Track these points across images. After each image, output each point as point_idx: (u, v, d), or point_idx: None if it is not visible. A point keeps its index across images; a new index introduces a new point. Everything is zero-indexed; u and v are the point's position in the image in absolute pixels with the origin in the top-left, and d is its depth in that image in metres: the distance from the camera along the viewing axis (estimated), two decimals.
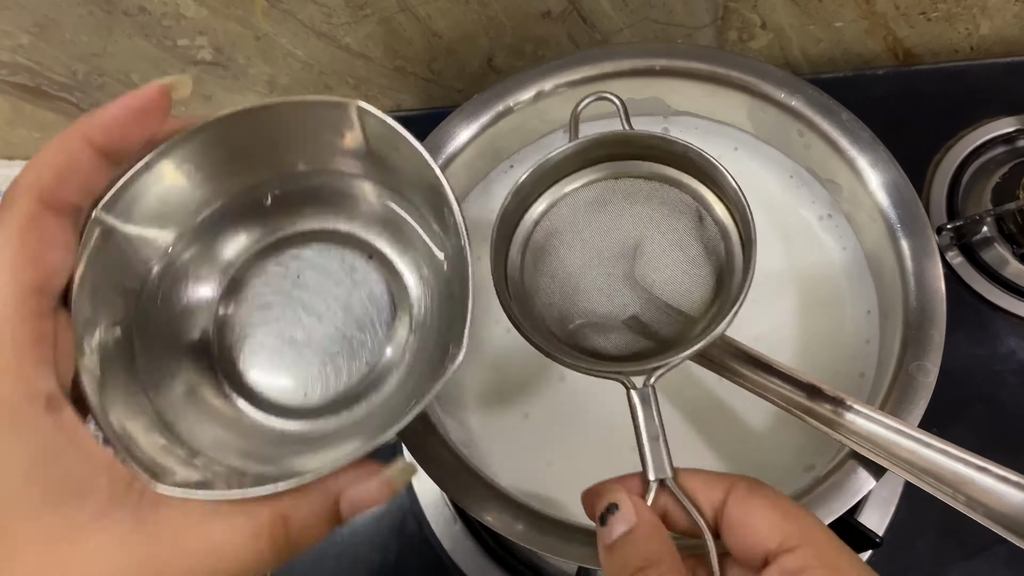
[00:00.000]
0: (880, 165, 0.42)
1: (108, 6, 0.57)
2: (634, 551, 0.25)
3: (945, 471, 0.33)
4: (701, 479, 0.28)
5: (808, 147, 0.45)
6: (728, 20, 0.60)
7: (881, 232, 0.42)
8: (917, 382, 0.37)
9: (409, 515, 0.49)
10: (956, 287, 0.53)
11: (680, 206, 0.34)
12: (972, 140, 0.57)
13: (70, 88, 0.64)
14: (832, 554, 0.25)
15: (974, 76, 0.61)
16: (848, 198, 0.44)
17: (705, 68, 0.46)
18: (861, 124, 0.43)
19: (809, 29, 0.61)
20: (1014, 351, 0.51)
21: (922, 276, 0.40)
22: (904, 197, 0.42)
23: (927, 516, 0.47)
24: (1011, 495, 0.32)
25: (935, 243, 0.41)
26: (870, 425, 0.35)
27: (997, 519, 0.32)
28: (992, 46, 0.63)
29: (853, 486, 0.36)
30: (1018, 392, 0.50)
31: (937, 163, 0.57)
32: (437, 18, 0.58)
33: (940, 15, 0.60)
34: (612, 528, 0.26)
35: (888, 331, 0.41)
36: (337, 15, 0.58)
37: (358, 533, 0.49)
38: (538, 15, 0.59)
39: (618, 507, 0.26)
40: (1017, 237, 0.53)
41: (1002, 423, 0.49)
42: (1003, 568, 0.45)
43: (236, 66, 0.62)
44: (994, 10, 0.59)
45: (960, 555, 0.46)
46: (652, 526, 0.26)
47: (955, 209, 0.55)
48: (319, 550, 0.49)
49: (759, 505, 0.26)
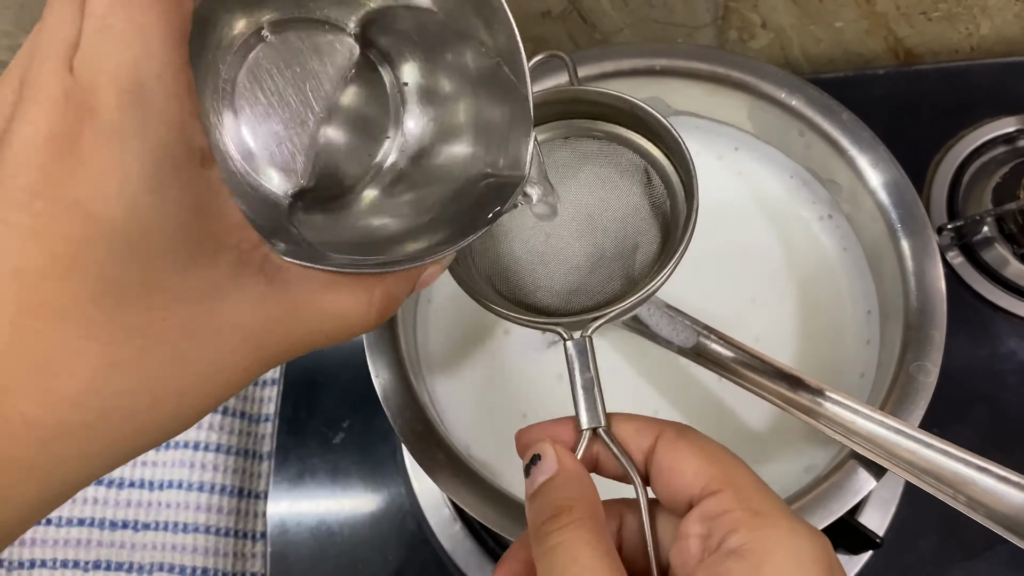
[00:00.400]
0: (881, 165, 0.42)
1: None
2: (549, 499, 0.25)
3: (946, 471, 0.33)
4: (633, 426, 0.28)
5: (809, 147, 0.45)
6: (728, 20, 0.60)
7: (881, 232, 0.42)
8: (918, 382, 0.37)
9: (409, 515, 0.49)
10: (956, 287, 0.53)
11: (629, 165, 0.34)
12: (973, 140, 0.57)
13: None
14: (754, 496, 0.24)
15: (975, 76, 0.61)
16: (848, 198, 0.44)
17: (705, 68, 0.46)
18: (862, 124, 0.43)
19: (810, 29, 0.61)
20: (1014, 351, 0.51)
21: (923, 276, 0.40)
22: (905, 197, 0.42)
23: (928, 517, 0.47)
24: (1012, 495, 0.32)
25: (935, 243, 0.41)
26: (870, 425, 0.35)
27: (998, 519, 0.32)
28: (993, 46, 0.63)
29: (853, 486, 0.36)
30: (1019, 392, 0.50)
31: (938, 163, 0.57)
32: None
33: (941, 15, 0.60)
34: (534, 478, 0.26)
35: (889, 331, 0.41)
36: None
37: (358, 533, 0.49)
38: (538, 15, 0.58)
39: (540, 457, 0.27)
40: (1018, 237, 0.53)
41: (1003, 423, 0.49)
42: (1004, 569, 0.45)
43: None
44: (995, 10, 0.59)
45: (961, 555, 0.46)
46: (572, 474, 0.26)
47: (956, 209, 0.55)
48: (319, 550, 0.49)
49: (685, 450, 0.26)
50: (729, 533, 0.23)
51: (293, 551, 0.49)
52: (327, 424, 0.52)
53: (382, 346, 0.40)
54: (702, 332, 0.39)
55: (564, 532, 0.24)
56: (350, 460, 0.51)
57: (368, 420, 0.52)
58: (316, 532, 0.49)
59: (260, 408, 0.58)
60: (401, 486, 0.50)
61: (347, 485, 0.50)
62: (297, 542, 0.49)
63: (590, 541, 0.24)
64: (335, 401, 0.53)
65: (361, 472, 0.51)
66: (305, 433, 0.52)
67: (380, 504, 0.50)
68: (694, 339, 0.39)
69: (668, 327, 0.40)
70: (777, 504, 0.24)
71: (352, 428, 0.52)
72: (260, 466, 0.56)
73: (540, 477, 0.26)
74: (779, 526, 0.23)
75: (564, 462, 0.26)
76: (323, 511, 0.50)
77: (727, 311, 0.43)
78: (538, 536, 0.24)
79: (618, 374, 0.43)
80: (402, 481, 0.50)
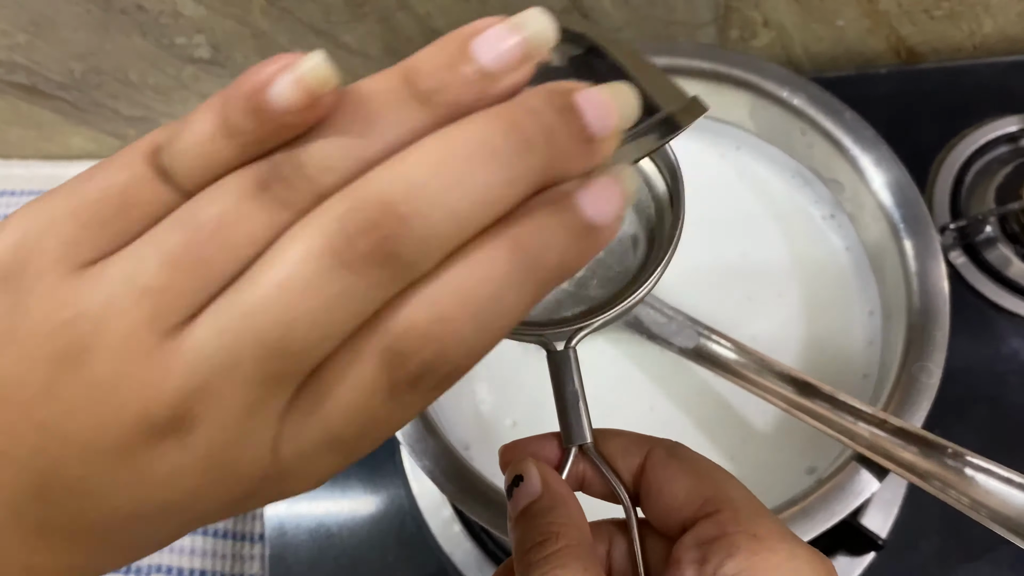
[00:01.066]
0: (883, 164, 0.42)
1: (105, 4, 0.56)
2: (533, 525, 0.24)
3: (948, 473, 0.33)
4: (621, 443, 0.26)
5: (811, 146, 0.45)
6: (730, 18, 0.60)
7: (884, 232, 0.42)
8: (920, 383, 0.37)
9: (408, 516, 0.49)
10: (959, 287, 0.52)
11: None
12: (975, 139, 0.57)
13: (67, 87, 0.63)
14: (751, 518, 0.23)
15: (977, 75, 0.61)
16: (851, 197, 0.44)
17: (707, 66, 0.45)
18: (864, 123, 0.43)
19: (811, 27, 0.61)
20: (1017, 352, 0.51)
21: (925, 276, 0.40)
22: (907, 196, 0.41)
23: (930, 518, 0.46)
24: (1015, 496, 0.32)
25: (938, 243, 0.40)
26: (872, 427, 0.35)
27: (1000, 521, 0.32)
28: (995, 45, 0.62)
29: (856, 488, 0.35)
30: (1021, 393, 0.49)
31: (940, 162, 0.57)
32: (437, 16, 0.57)
33: (943, 13, 0.59)
34: (516, 501, 0.25)
35: (891, 332, 0.41)
36: (336, 13, 0.58)
37: (357, 535, 0.49)
38: None
39: (523, 478, 0.25)
40: (1020, 237, 0.53)
41: (1005, 424, 0.49)
42: (1007, 570, 0.45)
43: (234, 64, 0.62)
44: (997, 9, 0.59)
45: (963, 557, 0.45)
46: (557, 497, 0.25)
47: (958, 209, 0.55)
48: (318, 550, 0.49)
49: (677, 469, 0.25)
50: (726, 558, 0.22)
51: (291, 553, 0.49)
52: None
53: None
54: (703, 333, 0.39)
55: (551, 561, 0.23)
56: None
57: None
58: (315, 534, 0.49)
59: None
60: (400, 487, 0.50)
61: (346, 487, 0.50)
62: (295, 544, 0.49)
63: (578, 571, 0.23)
64: None
65: (360, 474, 0.50)
66: None
67: (379, 506, 0.50)
68: (695, 340, 0.39)
69: (668, 328, 0.40)
70: (775, 526, 0.23)
71: None
72: None
73: (523, 500, 0.25)
74: (778, 550, 0.22)
75: (549, 483, 0.25)
76: (322, 513, 0.49)
77: (728, 311, 0.43)
78: (523, 564, 0.23)
79: (618, 374, 0.43)
80: (401, 482, 0.50)
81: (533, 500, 0.25)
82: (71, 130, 0.68)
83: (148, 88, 0.64)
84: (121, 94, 0.65)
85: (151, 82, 0.64)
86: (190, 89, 0.64)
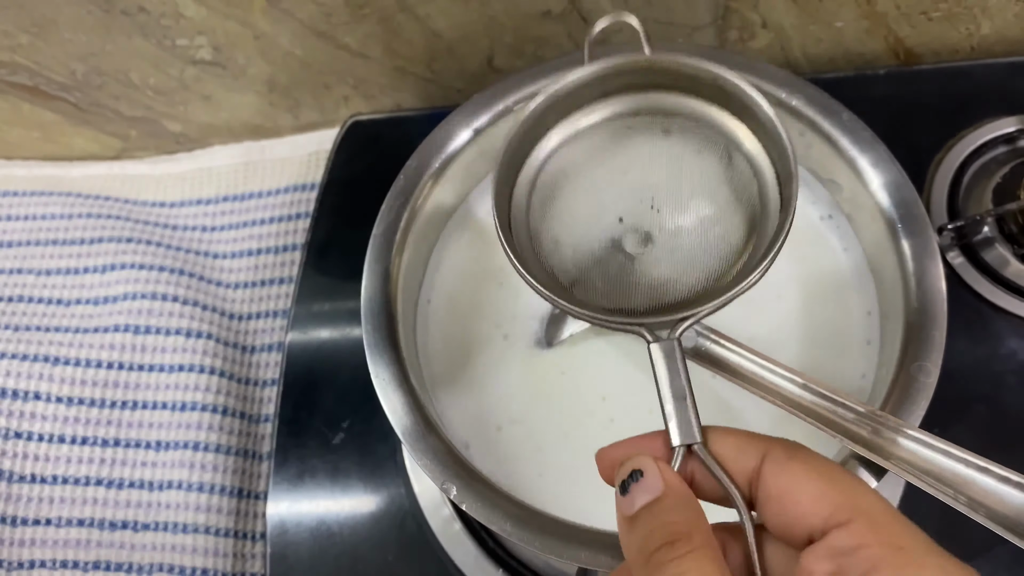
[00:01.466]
0: (881, 165, 0.42)
1: (107, 5, 0.56)
2: (659, 525, 0.22)
3: (946, 472, 0.33)
4: (734, 443, 0.24)
5: (809, 147, 0.45)
6: (728, 19, 0.60)
7: (882, 232, 0.42)
8: (918, 383, 0.37)
9: (409, 516, 0.49)
10: (957, 288, 0.53)
11: (707, 144, 0.31)
12: (973, 140, 0.57)
13: (68, 88, 0.64)
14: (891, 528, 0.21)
15: (975, 76, 0.61)
16: (849, 198, 0.44)
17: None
18: (862, 124, 0.43)
19: (810, 29, 0.61)
20: (1015, 352, 0.51)
21: (923, 276, 0.40)
22: (905, 197, 0.42)
23: (928, 517, 0.46)
24: (1013, 496, 0.32)
25: (936, 243, 0.40)
26: (870, 426, 0.35)
27: (999, 520, 0.32)
28: (993, 46, 0.63)
29: None
30: (1019, 393, 0.49)
31: (938, 163, 0.57)
32: (437, 17, 0.58)
33: (941, 15, 0.60)
34: (634, 498, 0.23)
35: (889, 332, 0.41)
36: (336, 14, 0.58)
37: (358, 534, 0.49)
38: (538, 15, 0.58)
39: (642, 474, 0.23)
40: (1018, 237, 0.53)
41: (1003, 423, 0.49)
42: (1004, 570, 0.45)
43: (235, 65, 0.62)
44: (995, 10, 0.59)
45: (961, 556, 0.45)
46: (681, 496, 0.23)
47: (956, 209, 0.55)
48: (319, 551, 0.49)
49: (800, 472, 0.23)
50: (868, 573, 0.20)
51: (293, 552, 0.49)
52: (327, 424, 0.52)
53: (382, 346, 0.40)
54: (701, 333, 0.39)
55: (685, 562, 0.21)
56: (350, 460, 0.51)
57: (368, 420, 0.52)
58: (316, 533, 0.49)
59: (259, 408, 0.58)
60: (401, 486, 0.50)
61: (347, 485, 0.50)
62: (297, 543, 0.49)
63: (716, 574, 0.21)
64: (335, 401, 0.53)
65: (361, 472, 0.50)
66: (305, 433, 0.52)
67: (380, 504, 0.50)
68: (693, 340, 0.39)
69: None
70: (920, 537, 0.21)
71: (352, 428, 0.52)
72: (260, 466, 0.56)
73: (643, 497, 0.23)
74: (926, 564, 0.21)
75: (671, 482, 0.23)
76: (323, 511, 0.50)
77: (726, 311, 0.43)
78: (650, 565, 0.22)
79: (618, 374, 0.43)
80: (402, 481, 0.50)
81: (656, 498, 0.23)
82: (73, 131, 0.68)
83: (150, 89, 0.65)
84: (123, 95, 0.65)
85: (153, 83, 0.64)
86: (191, 90, 0.65)
